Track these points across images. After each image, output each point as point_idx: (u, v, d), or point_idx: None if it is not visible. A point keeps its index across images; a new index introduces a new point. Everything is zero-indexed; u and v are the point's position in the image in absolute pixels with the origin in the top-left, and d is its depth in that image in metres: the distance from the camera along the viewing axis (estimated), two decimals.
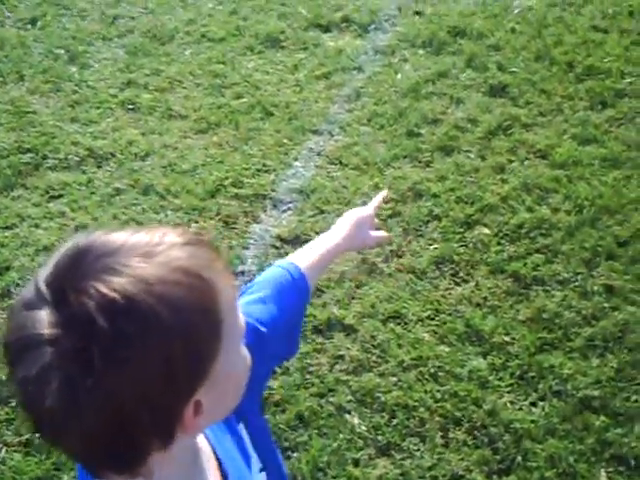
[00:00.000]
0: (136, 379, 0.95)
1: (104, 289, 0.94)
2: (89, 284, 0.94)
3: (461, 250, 3.87)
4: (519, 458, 3.04)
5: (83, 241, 1.00)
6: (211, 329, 1.02)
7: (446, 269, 3.80)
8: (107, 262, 0.97)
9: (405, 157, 4.48)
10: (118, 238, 1.00)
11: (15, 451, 3.17)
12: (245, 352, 1.14)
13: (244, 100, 5.08)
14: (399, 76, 5.19)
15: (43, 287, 0.96)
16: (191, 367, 1.01)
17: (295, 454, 3.09)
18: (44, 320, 0.94)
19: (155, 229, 1.04)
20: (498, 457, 3.06)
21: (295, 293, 1.67)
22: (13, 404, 3.32)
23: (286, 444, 3.12)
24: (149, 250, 0.99)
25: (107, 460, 1.01)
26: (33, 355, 0.93)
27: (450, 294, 3.68)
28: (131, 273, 0.96)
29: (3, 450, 3.17)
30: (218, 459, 1.28)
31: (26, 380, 0.94)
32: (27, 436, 3.20)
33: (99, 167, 4.64)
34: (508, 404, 3.22)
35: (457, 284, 3.73)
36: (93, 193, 4.44)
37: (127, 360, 0.93)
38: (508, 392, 3.26)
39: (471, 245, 3.89)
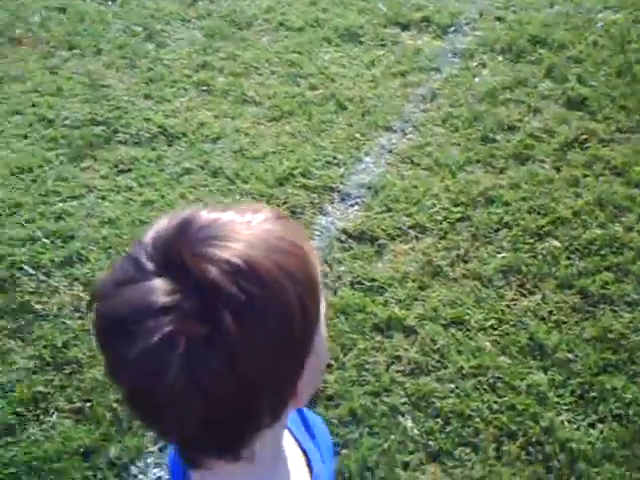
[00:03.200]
0: (263, 344, 0.92)
1: (225, 254, 0.91)
2: (206, 251, 0.92)
3: (530, 261, 3.79)
4: (573, 479, 2.96)
5: (181, 215, 0.98)
6: (316, 297, 1.02)
7: (513, 279, 3.72)
8: (213, 231, 0.95)
9: (478, 162, 4.41)
10: (211, 213, 0.98)
11: (66, 417, 3.17)
12: (325, 332, 1.11)
13: (319, 92, 5.05)
14: (477, 80, 5.12)
15: (146, 261, 0.93)
16: (305, 334, 0.99)
17: (344, 450, 3.04)
18: (160, 289, 0.90)
19: (241, 205, 1.02)
20: (551, 476, 2.98)
21: None
22: (67, 371, 3.34)
23: (336, 439, 3.07)
24: (247, 221, 0.98)
25: (217, 440, 0.98)
26: (150, 325, 0.89)
27: (515, 305, 3.60)
28: (243, 239, 0.94)
29: (54, 415, 3.18)
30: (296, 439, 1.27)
31: (146, 351, 0.90)
32: (79, 404, 3.21)
33: (169, 145, 4.64)
34: (566, 422, 3.14)
35: (523, 295, 3.65)
36: (162, 170, 4.44)
37: (255, 325, 0.91)
38: (567, 410, 3.18)
39: (540, 257, 3.81)
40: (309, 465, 1.25)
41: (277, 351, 0.94)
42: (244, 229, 0.96)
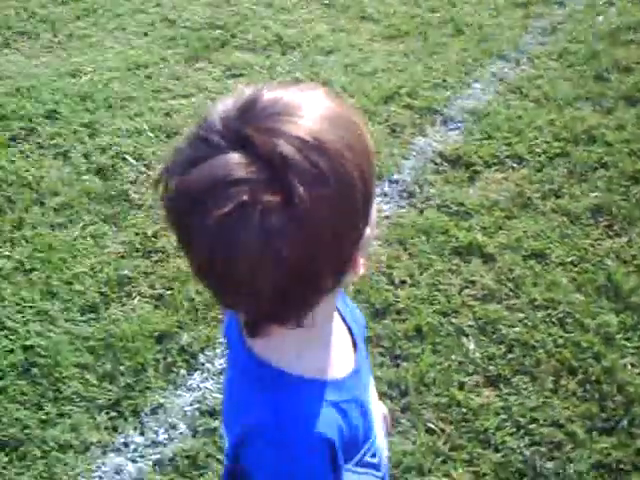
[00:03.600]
0: (330, 212, 1.01)
1: (293, 130, 0.99)
2: (275, 127, 1.00)
3: (622, 204, 3.73)
4: (625, 422, 2.93)
5: (244, 95, 1.05)
6: (372, 168, 1.10)
7: (601, 219, 3.67)
8: (278, 109, 1.02)
9: (587, 99, 4.34)
10: (273, 92, 1.05)
11: (146, 302, 3.33)
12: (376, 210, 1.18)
13: (438, 14, 5.04)
14: (600, 18, 5.00)
15: (217, 138, 1.01)
16: (365, 202, 1.08)
17: (404, 364, 3.10)
18: (235, 163, 0.98)
19: (298, 84, 1.10)
20: (604, 415, 2.97)
21: None
22: (153, 259, 3.50)
23: (398, 352, 3.15)
24: (307, 98, 1.06)
25: (282, 305, 1.07)
26: (226, 196, 0.97)
27: (600, 245, 3.56)
28: (307, 116, 1.02)
29: (136, 299, 3.35)
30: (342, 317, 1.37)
31: (223, 220, 0.98)
32: (160, 291, 3.37)
33: (283, 54, 4.72)
34: (628, 365, 3.11)
35: (609, 237, 3.60)
36: (272, 78, 4.53)
37: (323, 194, 0.99)
38: (632, 354, 3.15)
39: (633, 201, 3.74)
40: (353, 340, 1.35)
41: (342, 218, 1.03)
42: (306, 106, 1.03)
